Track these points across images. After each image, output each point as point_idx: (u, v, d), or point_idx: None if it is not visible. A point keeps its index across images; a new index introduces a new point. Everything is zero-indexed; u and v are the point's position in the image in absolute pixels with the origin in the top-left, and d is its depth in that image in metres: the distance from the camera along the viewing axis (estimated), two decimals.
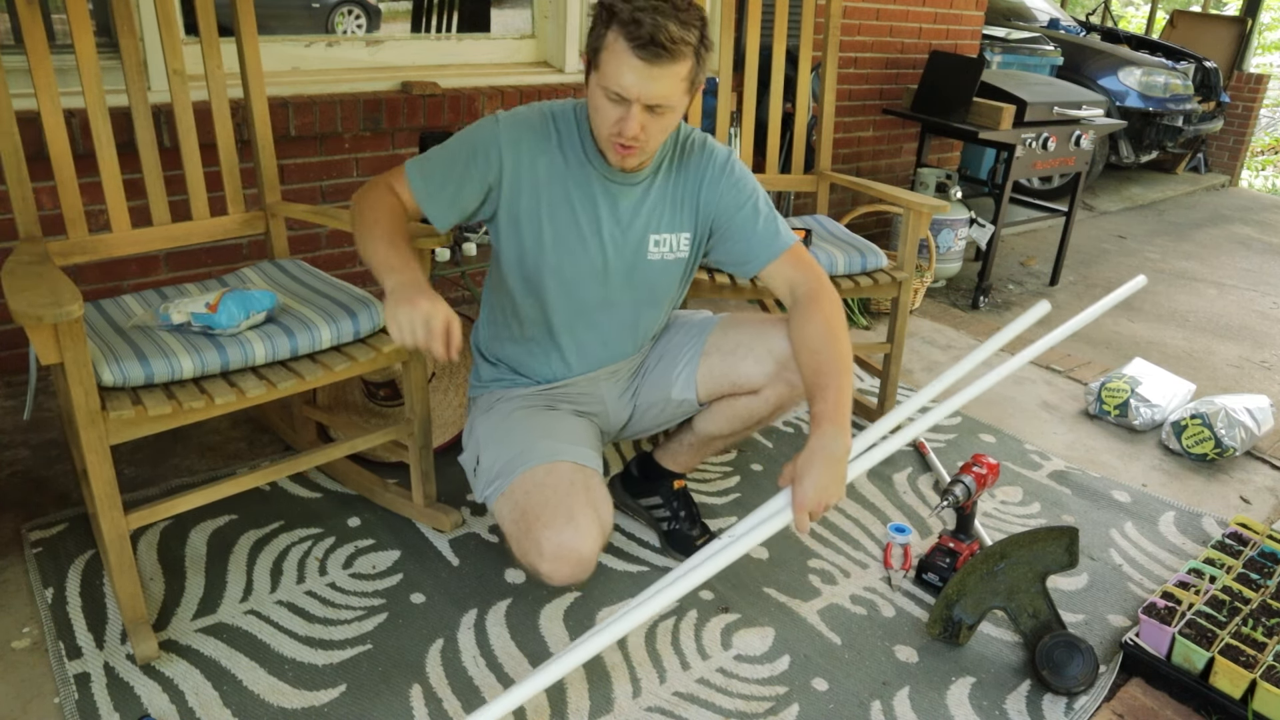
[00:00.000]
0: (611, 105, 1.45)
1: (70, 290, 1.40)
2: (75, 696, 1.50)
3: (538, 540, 1.46)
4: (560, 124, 1.57)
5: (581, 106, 1.58)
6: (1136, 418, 2.69)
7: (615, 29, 1.39)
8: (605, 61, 1.42)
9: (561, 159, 1.56)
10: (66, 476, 2.08)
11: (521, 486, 1.52)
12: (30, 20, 1.68)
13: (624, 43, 1.38)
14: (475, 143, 1.54)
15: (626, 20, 1.37)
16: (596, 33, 1.43)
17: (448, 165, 1.54)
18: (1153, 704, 1.65)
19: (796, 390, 1.67)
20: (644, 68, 1.38)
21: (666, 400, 1.78)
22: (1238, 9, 8.46)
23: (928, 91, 3.61)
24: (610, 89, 1.43)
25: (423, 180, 1.55)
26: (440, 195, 1.54)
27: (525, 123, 1.55)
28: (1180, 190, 6.45)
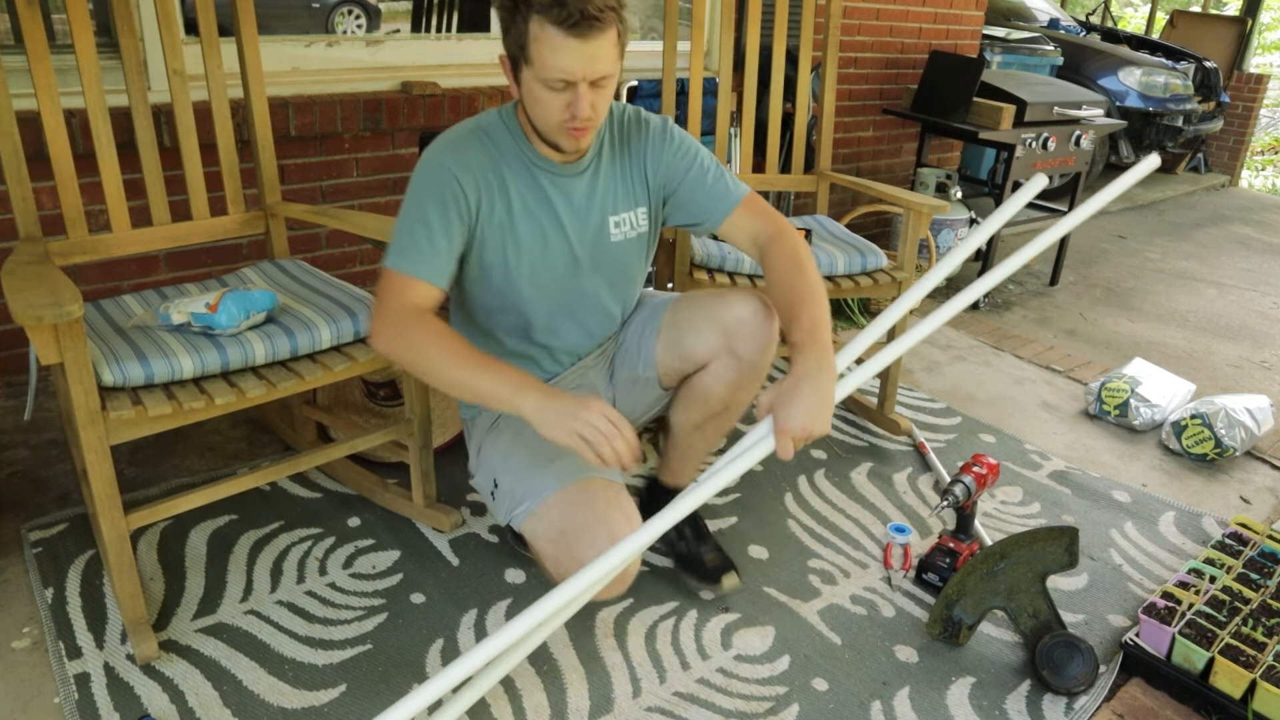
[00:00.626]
0: (555, 94, 1.42)
1: (70, 290, 1.40)
2: (75, 696, 1.50)
3: (581, 559, 1.40)
4: (493, 134, 1.54)
5: (507, 111, 1.55)
6: (1136, 418, 2.69)
7: (538, 18, 1.35)
8: (537, 54, 1.38)
9: (506, 168, 1.55)
10: (66, 476, 2.08)
11: (556, 506, 1.49)
12: (30, 20, 1.68)
13: (552, 28, 1.35)
14: (438, 192, 1.49)
15: (549, 5, 1.34)
16: (515, 30, 1.39)
17: (428, 233, 1.47)
18: (1153, 704, 1.65)
19: (745, 363, 1.64)
20: (580, 45, 1.36)
21: (636, 378, 1.78)
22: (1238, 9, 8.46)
23: (928, 91, 3.61)
24: (551, 79, 1.39)
25: (418, 264, 1.46)
26: (437, 262, 1.48)
27: (464, 146, 1.52)
28: (1180, 190, 6.46)
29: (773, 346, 1.67)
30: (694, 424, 1.76)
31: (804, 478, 2.31)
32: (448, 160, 1.50)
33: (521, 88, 1.46)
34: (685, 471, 1.86)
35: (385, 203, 2.77)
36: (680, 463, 1.85)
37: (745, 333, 1.63)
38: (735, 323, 1.64)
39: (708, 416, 1.73)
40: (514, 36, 1.40)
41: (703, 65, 2.66)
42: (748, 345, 1.63)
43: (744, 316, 1.63)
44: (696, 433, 1.77)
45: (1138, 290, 4.15)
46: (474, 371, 1.38)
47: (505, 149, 1.55)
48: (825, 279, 2.34)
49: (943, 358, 3.15)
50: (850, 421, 2.62)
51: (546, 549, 1.50)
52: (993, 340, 3.33)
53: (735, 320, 1.63)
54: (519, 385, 1.36)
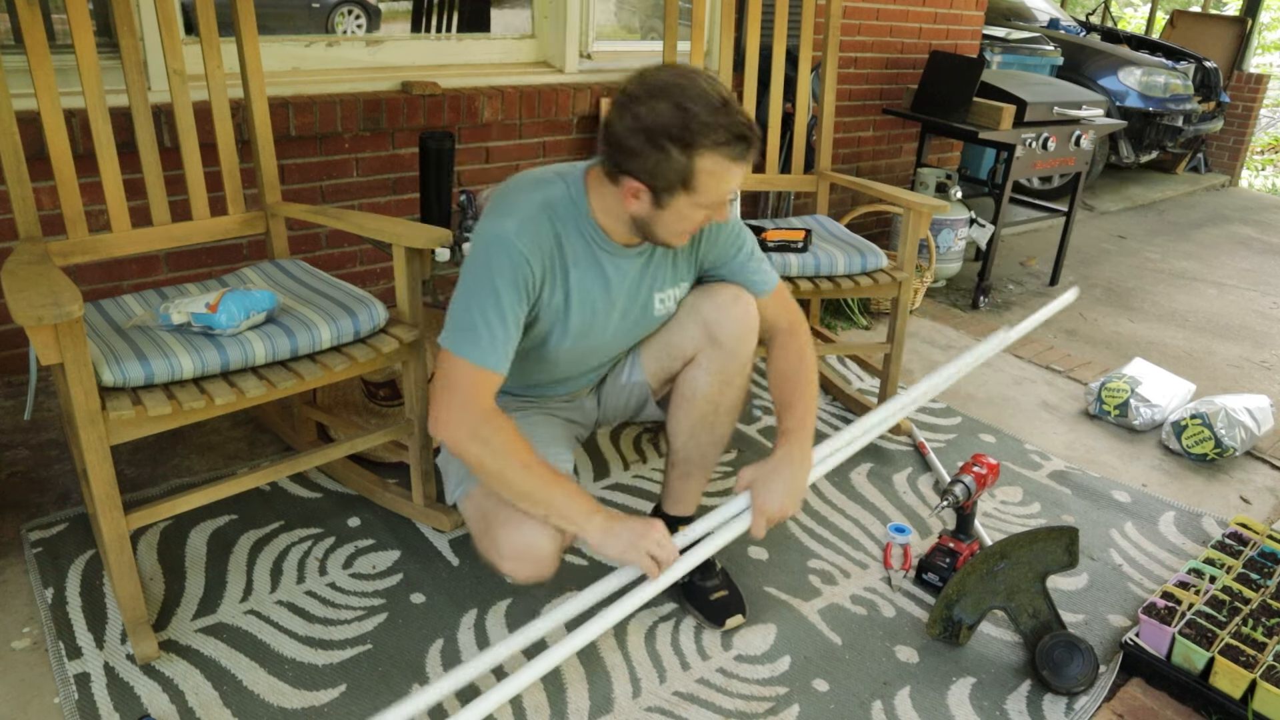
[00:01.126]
0: (704, 211, 1.45)
1: (70, 290, 1.40)
2: (75, 696, 1.50)
3: (496, 540, 1.47)
4: (559, 212, 1.50)
5: (577, 189, 1.51)
6: (1136, 418, 2.69)
7: (713, 153, 1.37)
8: (704, 184, 1.39)
9: (569, 250, 1.52)
10: (66, 476, 2.08)
11: (483, 489, 1.52)
12: (30, 20, 1.68)
13: (725, 160, 1.38)
14: (511, 274, 1.44)
15: (722, 140, 1.36)
16: (671, 164, 1.37)
17: (500, 317, 1.43)
18: (1153, 704, 1.65)
19: (726, 351, 1.65)
20: (743, 166, 1.42)
21: (621, 384, 1.80)
22: (1238, 9, 8.46)
23: (928, 91, 3.61)
24: (714, 202, 1.43)
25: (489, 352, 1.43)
26: (507, 347, 1.45)
27: (534, 225, 1.47)
28: (1180, 190, 6.45)
29: (752, 337, 1.68)
30: (688, 431, 1.74)
31: None
32: (520, 241, 1.44)
33: (663, 210, 1.44)
34: (687, 497, 1.82)
35: (385, 203, 2.77)
36: (681, 485, 1.82)
37: (725, 320, 1.65)
38: (715, 311, 1.66)
39: (698, 419, 1.72)
40: (669, 170, 1.38)
41: (703, 65, 2.65)
42: (728, 333, 1.65)
43: (723, 303, 1.66)
44: (691, 442, 1.75)
45: (1138, 290, 4.15)
46: (544, 486, 1.43)
47: (570, 228, 1.51)
48: (825, 279, 2.34)
49: (943, 358, 3.15)
50: (850, 421, 2.61)
51: (474, 529, 1.55)
52: None
53: (715, 309, 1.66)
54: (588, 509, 1.43)
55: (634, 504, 2.14)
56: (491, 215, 1.48)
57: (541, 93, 2.87)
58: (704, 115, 1.35)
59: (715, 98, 1.37)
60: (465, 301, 1.45)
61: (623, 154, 1.39)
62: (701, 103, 1.35)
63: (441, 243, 1.79)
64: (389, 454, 2.20)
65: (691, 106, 1.35)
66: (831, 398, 2.76)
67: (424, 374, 1.89)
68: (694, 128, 1.35)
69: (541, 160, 3.02)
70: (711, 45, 3.27)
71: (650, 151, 1.37)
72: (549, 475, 1.44)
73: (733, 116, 1.37)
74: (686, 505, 1.83)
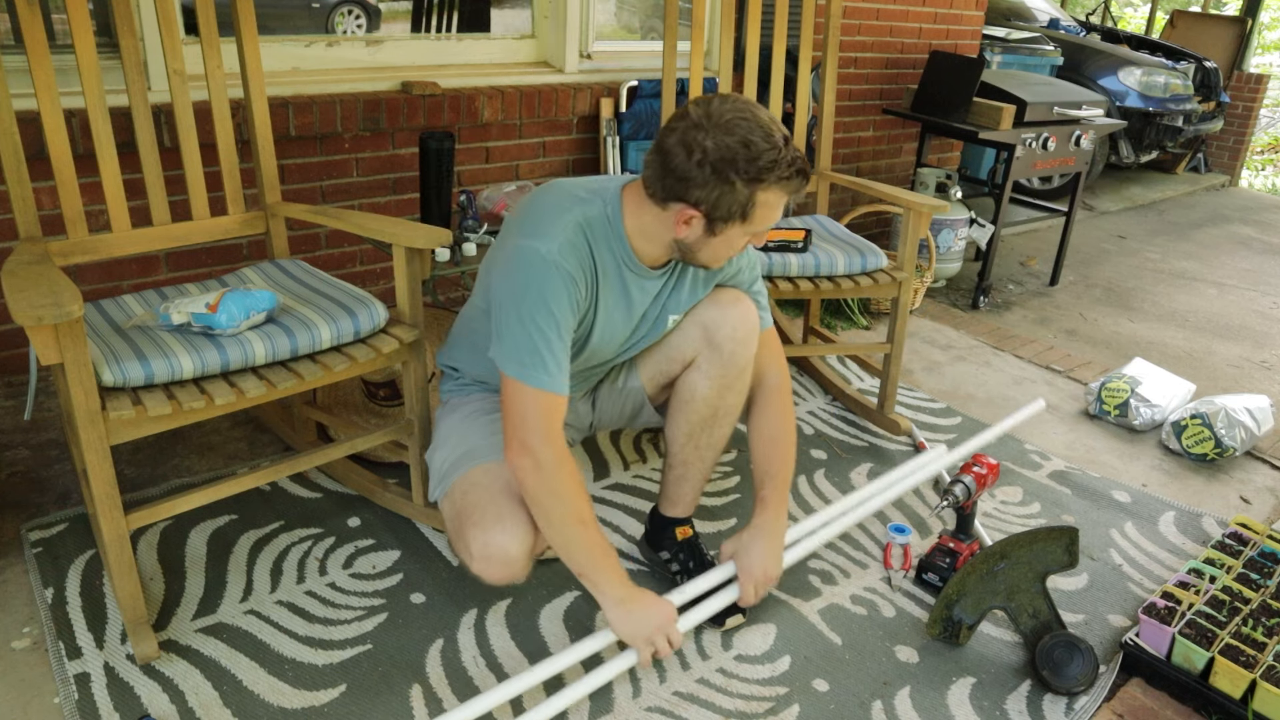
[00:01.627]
0: (749, 238, 1.51)
1: (70, 290, 1.40)
2: (75, 696, 1.50)
3: (467, 541, 1.47)
4: (595, 232, 1.50)
5: (613, 209, 1.51)
6: (1136, 418, 2.69)
7: (776, 187, 1.43)
8: (759, 215, 1.45)
9: (601, 270, 1.52)
10: (66, 476, 2.08)
11: (460, 487, 1.53)
12: (30, 20, 1.68)
13: (783, 193, 1.45)
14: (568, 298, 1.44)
15: (785, 175, 1.42)
16: (733, 197, 1.41)
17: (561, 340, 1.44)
18: (1153, 704, 1.65)
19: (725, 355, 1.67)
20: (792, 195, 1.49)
21: (615, 390, 1.81)
22: (1238, 9, 8.46)
23: (928, 91, 3.61)
24: (764, 230, 1.50)
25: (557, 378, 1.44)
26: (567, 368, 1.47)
27: (573, 247, 1.46)
28: (1180, 190, 6.45)
29: (753, 339, 1.68)
30: (686, 434, 1.74)
31: (804, 478, 2.31)
32: (566, 262, 1.44)
33: (715, 237, 1.47)
34: (683, 499, 1.82)
35: (385, 203, 2.77)
36: (677, 487, 1.81)
37: (725, 323, 1.66)
38: (715, 312, 1.67)
39: (698, 423, 1.72)
40: (731, 201, 1.42)
41: (703, 65, 2.66)
42: (727, 335, 1.66)
43: (723, 304, 1.67)
44: (690, 445, 1.75)
45: (1138, 290, 4.15)
46: (588, 546, 1.48)
47: (603, 248, 1.51)
48: (825, 279, 2.35)
49: (943, 358, 3.15)
50: (850, 422, 2.62)
51: (449, 528, 1.56)
52: (993, 340, 3.33)
53: (715, 310, 1.67)
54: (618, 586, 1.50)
55: (633, 503, 2.14)
56: (529, 235, 1.44)
57: (541, 93, 2.87)
58: (771, 152, 1.40)
59: (778, 135, 1.42)
60: (523, 328, 1.42)
61: (682, 183, 1.41)
62: (766, 138, 1.40)
63: (441, 243, 1.79)
64: (389, 454, 2.20)
65: (759, 143, 1.39)
66: (831, 398, 2.76)
67: (424, 374, 1.89)
68: (763, 164, 1.40)
69: (541, 160, 3.02)
70: (711, 45, 3.27)
71: (715, 183, 1.40)
72: (599, 538, 1.49)
73: (793, 153, 1.43)
74: (684, 507, 1.83)
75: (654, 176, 1.44)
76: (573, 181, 1.57)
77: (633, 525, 2.06)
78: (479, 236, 2.34)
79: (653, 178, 1.44)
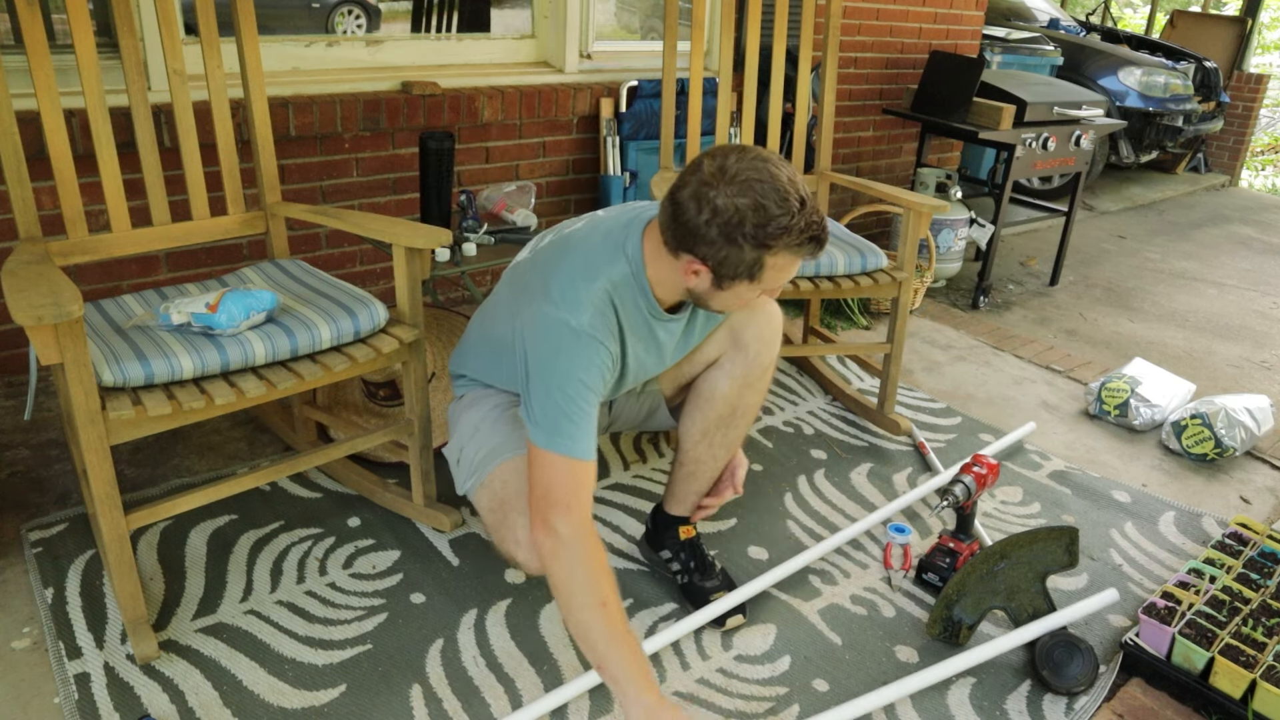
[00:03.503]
0: (760, 291, 1.44)
1: (70, 290, 1.40)
2: (75, 696, 1.50)
3: (514, 527, 1.48)
4: (623, 295, 1.49)
5: (637, 265, 1.48)
6: (1136, 418, 2.69)
7: (787, 252, 1.36)
8: (769, 276, 1.39)
9: (629, 328, 1.52)
10: (66, 476, 2.08)
11: (500, 476, 1.53)
12: (30, 20, 1.68)
13: (795, 258, 1.39)
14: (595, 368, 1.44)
15: (795, 242, 1.35)
16: (742, 258, 1.36)
17: (591, 408, 1.43)
18: (1153, 704, 1.65)
19: (750, 355, 1.66)
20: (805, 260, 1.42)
21: (633, 393, 1.80)
22: (1238, 9, 8.46)
23: (928, 91, 3.61)
24: (775, 288, 1.44)
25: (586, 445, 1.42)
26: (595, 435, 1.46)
27: (603, 317, 1.45)
28: (1180, 190, 6.45)
29: (776, 341, 1.68)
30: (701, 431, 1.72)
31: (804, 478, 2.31)
32: (597, 333, 1.43)
33: (722, 291, 1.43)
34: (689, 498, 1.81)
35: (385, 203, 2.77)
36: (685, 486, 1.80)
37: (752, 322, 1.66)
38: (743, 315, 1.67)
39: (714, 421, 1.71)
40: (738, 261, 1.36)
41: (703, 65, 2.66)
42: (753, 335, 1.65)
43: (753, 305, 1.65)
44: (704, 443, 1.73)
45: (1138, 290, 4.15)
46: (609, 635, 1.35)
47: (630, 307, 1.51)
48: (825, 279, 2.35)
49: (943, 358, 3.15)
50: (850, 421, 2.62)
51: (489, 519, 1.54)
52: (993, 340, 3.33)
53: (744, 313, 1.67)
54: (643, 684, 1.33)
55: (634, 504, 2.14)
56: (559, 305, 1.43)
57: (541, 93, 2.87)
58: (783, 218, 1.33)
59: (795, 197, 1.34)
60: (554, 399, 1.41)
61: (692, 238, 1.37)
62: (780, 203, 1.33)
63: (441, 243, 1.79)
64: (389, 454, 2.20)
65: (771, 207, 1.32)
66: (831, 398, 2.76)
67: (424, 374, 1.89)
68: (772, 230, 1.33)
69: (541, 160, 3.02)
70: (711, 45, 3.27)
71: (723, 244, 1.35)
72: (621, 628, 1.36)
73: (809, 217, 1.35)
74: (689, 506, 1.83)
75: (666, 224, 1.41)
76: (595, 231, 1.53)
77: (632, 525, 2.06)
78: (479, 236, 2.34)
79: (665, 224, 1.41)
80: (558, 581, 1.38)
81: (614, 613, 1.36)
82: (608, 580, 1.38)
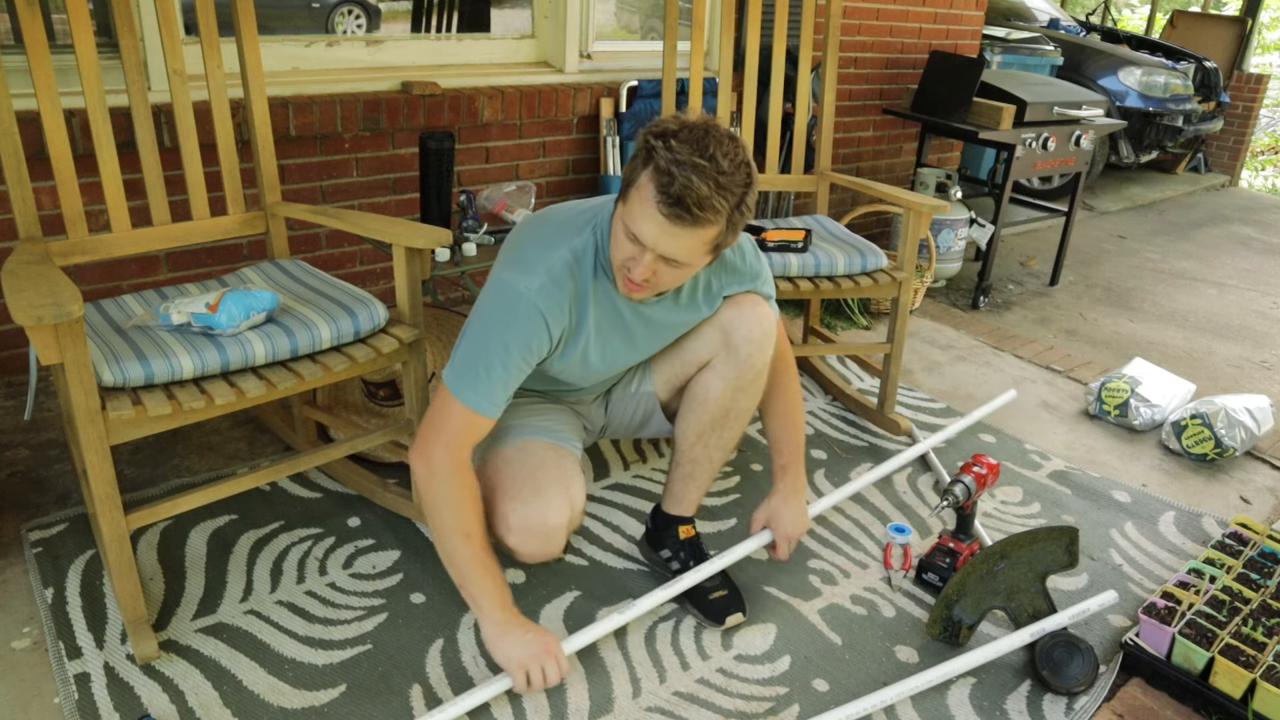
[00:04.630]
0: (628, 242, 1.39)
1: (70, 290, 1.40)
2: (75, 696, 1.50)
3: (504, 514, 1.49)
4: (583, 266, 1.50)
5: (603, 234, 1.50)
6: (1136, 418, 2.69)
7: (649, 172, 1.33)
8: (632, 200, 1.36)
9: (591, 301, 1.52)
10: (66, 476, 2.08)
11: (494, 462, 1.55)
12: (30, 20, 1.68)
13: (652, 191, 1.32)
14: (525, 335, 1.46)
15: (662, 169, 1.30)
16: (633, 165, 1.36)
17: (504, 371, 1.46)
18: (1153, 704, 1.65)
19: (742, 358, 1.65)
20: (665, 224, 1.33)
21: (628, 394, 1.81)
22: (1238, 9, 8.46)
23: (928, 91, 3.61)
24: (630, 229, 1.38)
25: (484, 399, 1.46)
26: (501, 397, 1.48)
27: (556, 287, 1.46)
28: (1180, 190, 6.45)
29: (769, 343, 1.67)
30: (696, 433, 1.74)
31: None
32: (541, 302, 1.44)
33: (614, 215, 1.43)
34: (688, 498, 1.82)
35: (385, 203, 2.77)
36: (683, 486, 1.81)
37: (742, 323, 1.65)
38: (732, 312, 1.66)
39: (709, 423, 1.72)
40: (629, 170, 1.37)
41: (703, 65, 2.66)
42: (744, 336, 1.64)
43: (742, 305, 1.66)
44: (699, 444, 1.75)
45: (1138, 290, 4.15)
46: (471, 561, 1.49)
47: (593, 280, 1.51)
48: (825, 279, 2.35)
49: (943, 358, 3.15)
50: (850, 421, 2.62)
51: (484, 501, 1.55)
52: (993, 340, 3.33)
53: (733, 311, 1.66)
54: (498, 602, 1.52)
55: (634, 504, 2.14)
56: (513, 267, 1.45)
57: (541, 93, 2.87)
58: (681, 152, 1.30)
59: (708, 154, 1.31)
60: (474, 346, 1.45)
61: None
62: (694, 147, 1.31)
63: (441, 243, 1.79)
64: (389, 454, 2.20)
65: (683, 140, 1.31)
66: (831, 398, 2.76)
67: (424, 374, 1.89)
68: (663, 150, 1.31)
69: (541, 160, 3.02)
70: (711, 45, 3.27)
71: (636, 155, 1.37)
72: (482, 555, 1.50)
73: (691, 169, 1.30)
74: (688, 505, 1.83)
75: None
76: (572, 207, 1.55)
77: (633, 525, 2.06)
78: (479, 236, 2.34)
79: None
80: (428, 506, 1.50)
81: (476, 543, 1.49)
82: (474, 515, 1.49)
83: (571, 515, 1.51)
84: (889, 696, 1.59)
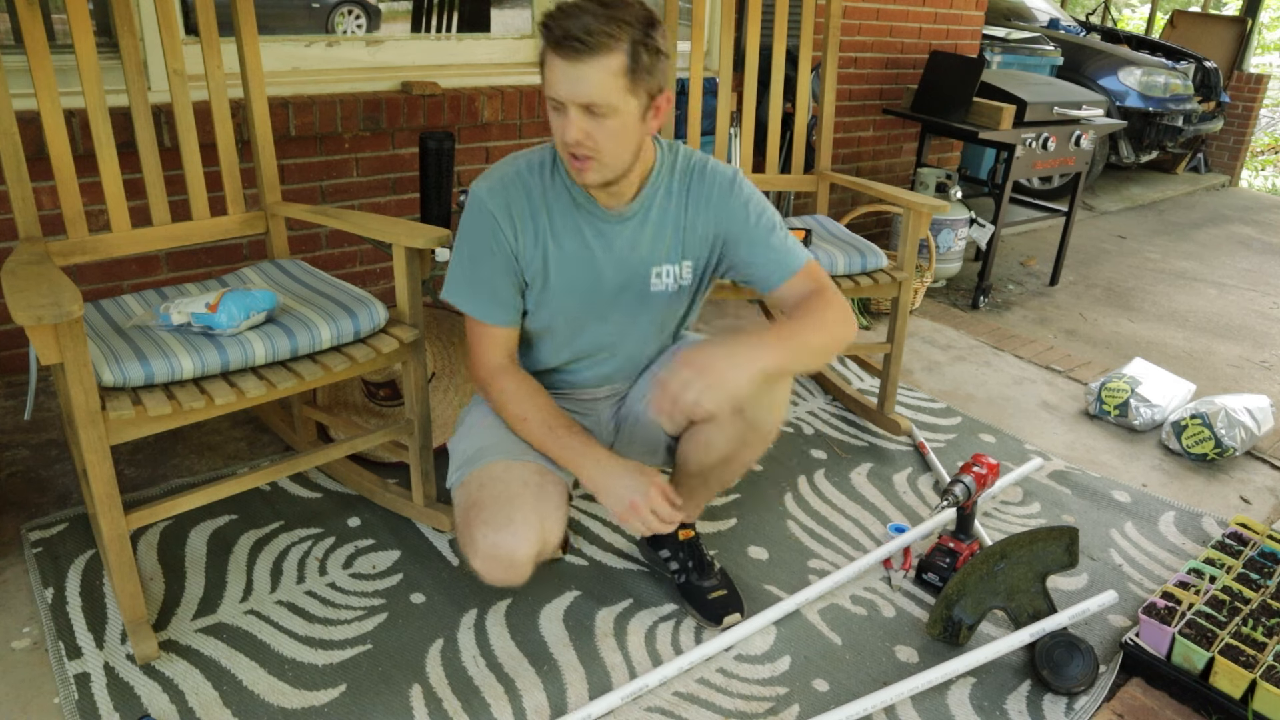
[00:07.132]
0: (556, 116, 1.40)
1: (70, 290, 1.40)
2: (75, 696, 1.50)
3: (474, 536, 1.44)
4: (541, 173, 1.53)
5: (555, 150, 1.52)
6: (1136, 418, 2.69)
7: (544, 38, 1.38)
8: (544, 74, 1.40)
9: (549, 212, 1.53)
10: (66, 476, 2.08)
11: (477, 479, 1.50)
12: (30, 20, 1.68)
13: (550, 48, 1.37)
14: (482, 238, 1.51)
15: (550, 25, 1.36)
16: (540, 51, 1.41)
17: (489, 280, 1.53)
18: (1153, 704, 1.65)
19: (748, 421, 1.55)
20: (566, 66, 1.35)
21: (638, 419, 1.72)
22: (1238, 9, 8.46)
23: (928, 91, 3.61)
24: (549, 97, 1.40)
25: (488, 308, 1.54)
26: (502, 302, 1.54)
27: (508, 187, 1.52)
28: (1180, 190, 6.45)
29: (782, 408, 1.58)
30: (696, 468, 1.68)
31: (804, 478, 2.31)
32: (491, 201, 1.51)
33: None
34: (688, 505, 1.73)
35: (385, 203, 2.77)
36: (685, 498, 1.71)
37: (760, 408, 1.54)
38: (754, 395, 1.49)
39: (710, 466, 1.65)
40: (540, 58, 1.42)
41: (703, 65, 2.66)
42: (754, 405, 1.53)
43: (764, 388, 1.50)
44: (698, 478, 1.70)
45: (1138, 290, 4.15)
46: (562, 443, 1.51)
47: (551, 190, 1.52)
48: None
49: (943, 358, 3.15)
50: (850, 421, 2.62)
51: (458, 517, 1.51)
52: (993, 340, 3.33)
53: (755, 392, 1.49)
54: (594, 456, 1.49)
55: None
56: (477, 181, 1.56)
57: (541, 93, 2.87)
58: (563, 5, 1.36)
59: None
60: (453, 263, 1.55)
61: None
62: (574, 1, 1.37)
63: (441, 243, 1.79)
64: (389, 454, 2.20)
65: None
66: (831, 398, 2.76)
67: (424, 374, 1.89)
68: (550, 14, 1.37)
69: None
70: (711, 45, 3.27)
71: None
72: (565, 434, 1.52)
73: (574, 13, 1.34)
74: (689, 514, 1.80)
75: None
76: None
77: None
78: None
79: None
80: (511, 419, 1.55)
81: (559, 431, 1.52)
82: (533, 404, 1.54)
83: (542, 548, 1.45)
84: (889, 696, 1.59)
